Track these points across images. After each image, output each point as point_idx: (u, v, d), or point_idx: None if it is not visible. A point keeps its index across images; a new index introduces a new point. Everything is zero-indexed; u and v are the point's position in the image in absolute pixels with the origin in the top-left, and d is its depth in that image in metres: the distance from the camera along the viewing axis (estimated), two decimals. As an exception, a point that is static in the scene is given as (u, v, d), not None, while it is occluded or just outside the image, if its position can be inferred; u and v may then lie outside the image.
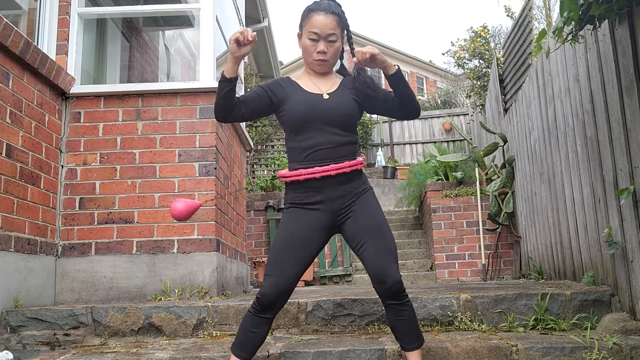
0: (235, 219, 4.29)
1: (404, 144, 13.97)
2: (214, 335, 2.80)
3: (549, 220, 4.23)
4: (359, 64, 2.05)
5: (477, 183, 6.28)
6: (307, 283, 6.63)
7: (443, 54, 29.89)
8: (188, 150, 3.55)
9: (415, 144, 13.87)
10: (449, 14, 70.36)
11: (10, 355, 2.59)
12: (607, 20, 2.58)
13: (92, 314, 2.83)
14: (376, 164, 13.31)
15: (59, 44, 3.65)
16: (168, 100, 3.61)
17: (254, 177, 9.59)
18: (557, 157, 3.88)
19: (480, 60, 10.19)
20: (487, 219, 6.14)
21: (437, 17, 71.00)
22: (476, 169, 6.39)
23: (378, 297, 2.10)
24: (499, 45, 11.53)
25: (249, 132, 9.95)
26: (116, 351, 2.52)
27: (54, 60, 3.49)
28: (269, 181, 7.84)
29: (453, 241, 6.38)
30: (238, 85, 2.12)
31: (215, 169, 3.54)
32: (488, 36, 10.66)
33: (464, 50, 10.72)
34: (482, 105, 8.97)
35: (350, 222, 2.07)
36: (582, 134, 3.25)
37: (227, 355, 2.28)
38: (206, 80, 3.65)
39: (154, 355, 2.38)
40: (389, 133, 14.02)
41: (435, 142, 12.18)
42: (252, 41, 1.99)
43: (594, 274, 3.15)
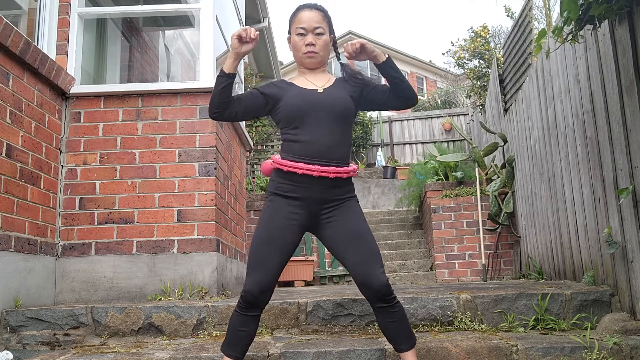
0: (235, 219, 4.29)
1: (404, 144, 13.98)
2: (214, 335, 2.80)
3: (549, 220, 4.23)
4: (349, 56, 2.06)
5: (477, 183, 6.28)
6: (307, 283, 6.62)
7: (443, 54, 29.88)
8: (188, 150, 3.55)
9: (415, 144, 13.88)
10: (449, 14, 70.40)
11: (10, 355, 2.59)
12: (607, 20, 2.58)
13: (92, 314, 2.83)
14: (376, 164, 13.32)
15: (59, 44, 3.66)
16: (168, 100, 3.61)
17: (254, 177, 9.59)
18: (557, 157, 3.88)
19: (480, 60, 10.19)
20: (487, 219, 6.14)
21: (437, 17, 71.04)
22: (476, 169, 6.39)
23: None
24: (499, 45, 11.53)
25: (249, 132, 9.95)
26: (116, 351, 2.52)
27: (54, 60, 3.50)
28: (269, 181, 7.82)
29: (453, 241, 6.38)
30: (238, 85, 2.12)
31: (215, 169, 3.54)
32: (488, 36, 10.65)
33: (464, 50, 10.72)
34: (482, 105, 8.97)
35: (329, 229, 2.05)
36: (582, 134, 3.25)
37: (227, 355, 2.28)
38: (206, 80, 3.64)
39: (154, 355, 2.38)
40: (389, 133, 14.03)
41: (435, 142, 12.19)
42: (255, 39, 2.00)
43: (594, 274, 3.15)
